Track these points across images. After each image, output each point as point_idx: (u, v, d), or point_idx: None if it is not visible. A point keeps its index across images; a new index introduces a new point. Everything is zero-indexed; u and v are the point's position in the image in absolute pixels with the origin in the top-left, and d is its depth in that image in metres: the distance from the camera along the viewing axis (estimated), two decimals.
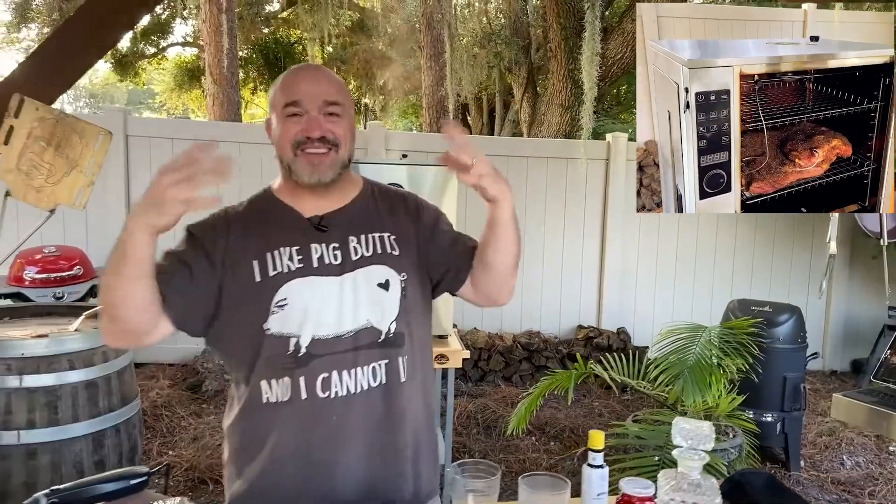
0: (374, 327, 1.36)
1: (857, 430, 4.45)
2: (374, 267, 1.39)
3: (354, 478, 1.34)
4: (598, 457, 1.38)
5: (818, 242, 5.66)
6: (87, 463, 2.57)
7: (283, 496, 1.34)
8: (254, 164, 4.21)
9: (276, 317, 1.32)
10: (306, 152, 1.34)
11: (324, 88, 1.37)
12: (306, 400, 1.31)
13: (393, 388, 1.37)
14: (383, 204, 1.48)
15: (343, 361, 1.33)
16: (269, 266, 1.34)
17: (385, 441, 1.37)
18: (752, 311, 4.00)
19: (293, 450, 1.33)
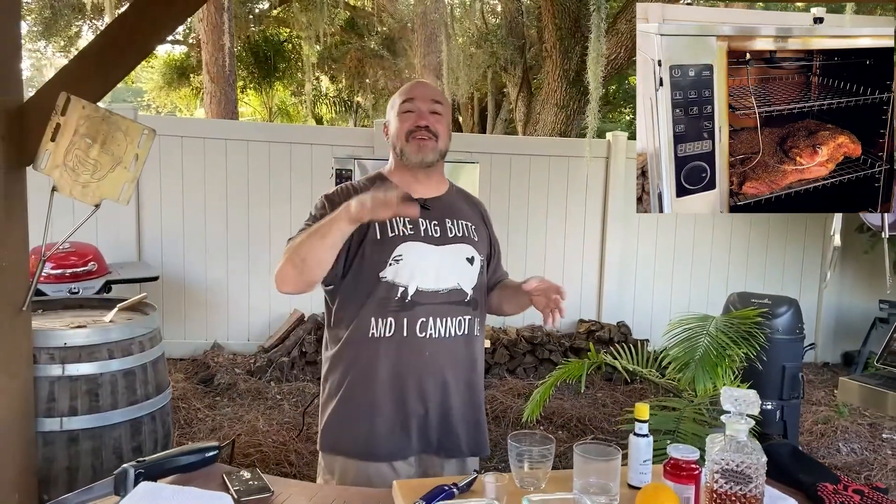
0: (462, 289, 1.73)
1: (850, 418, 4.62)
2: (463, 245, 1.77)
3: (437, 402, 1.70)
4: (644, 426, 1.51)
5: (811, 238, 5.84)
6: (126, 448, 2.66)
7: (381, 411, 1.68)
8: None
9: (391, 268, 1.67)
10: (416, 138, 1.71)
11: (431, 92, 1.77)
12: (407, 337, 1.67)
13: (471, 339, 1.75)
14: (465, 201, 1.87)
15: (438, 311, 1.69)
16: (388, 229, 1.69)
17: (465, 377, 1.74)
18: (752, 304, 4.15)
19: (391, 375, 1.67)
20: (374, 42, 13.91)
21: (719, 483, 1.21)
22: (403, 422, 1.69)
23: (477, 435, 1.77)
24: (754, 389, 3.33)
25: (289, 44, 16.12)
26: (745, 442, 1.22)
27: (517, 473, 1.48)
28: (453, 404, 1.72)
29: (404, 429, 1.69)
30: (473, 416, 1.76)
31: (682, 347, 3.03)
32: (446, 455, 1.74)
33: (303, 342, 5.02)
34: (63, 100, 2.31)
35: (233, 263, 5.33)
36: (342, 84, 16.92)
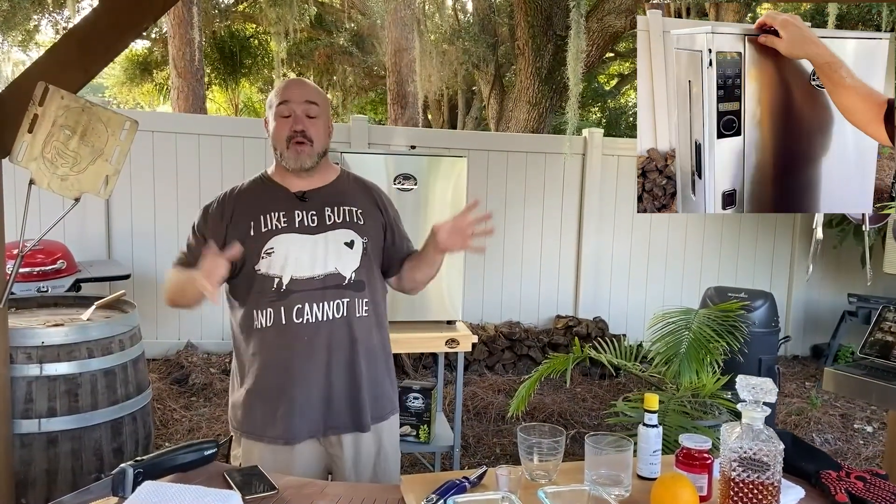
0: (340, 273, 1.78)
1: (822, 409, 4.73)
2: (343, 230, 1.81)
3: (320, 384, 1.76)
4: (654, 417, 1.50)
5: (780, 233, 5.96)
6: (107, 450, 2.59)
7: (267, 396, 1.77)
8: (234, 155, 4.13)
9: (264, 261, 1.75)
10: (294, 143, 1.76)
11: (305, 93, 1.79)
12: (285, 325, 1.74)
13: (351, 320, 1.79)
14: (356, 187, 1.92)
15: (314, 297, 1.75)
16: (262, 224, 1.77)
17: (345, 359, 1.79)
18: (729, 298, 4.20)
19: (276, 362, 1.76)
20: (344, 39, 13.78)
21: (737, 471, 1.21)
22: (289, 407, 1.75)
23: (356, 412, 1.81)
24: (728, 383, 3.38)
25: (255, 40, 15.89)
26: (762, 429, 1.22)
27: (527, 466, 1.46)
28: (335, 384, 1.77)
29: (290, 413, 1.75)
30: (353, 395, 1.80)
31: (667, 341, 3.06)
32: (331, 433, 1.80)
33: None
34: (41, 90, 2.23)
35: None
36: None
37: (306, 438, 1.77)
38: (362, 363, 1.81)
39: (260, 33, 15.57)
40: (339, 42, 13.62)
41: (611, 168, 5.58)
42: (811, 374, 5.54)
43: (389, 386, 1.92)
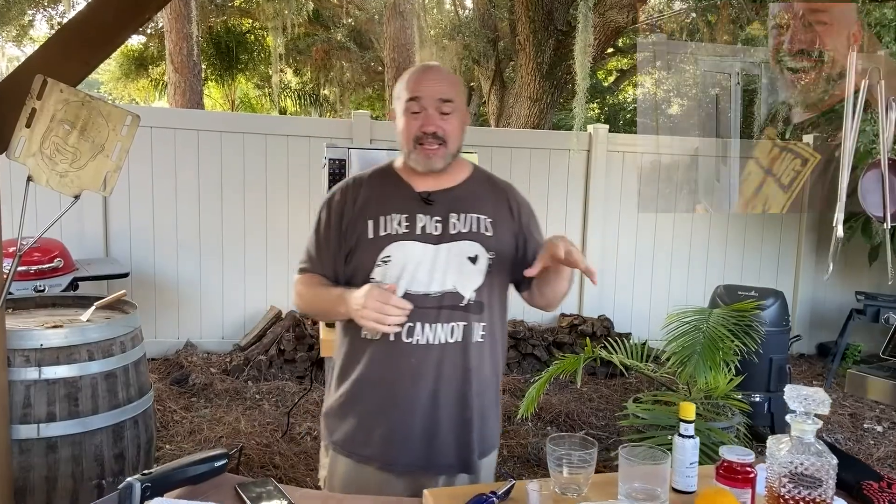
0: (458, 293, 1.60)
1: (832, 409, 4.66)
2: (467, 242, 1.62)
3: (425, 414, 1.60)
4: (690, 427, 1.43)
5: (786, 231, 5.90)
6: (108, 455, 2.51)
7: (364, 413, 1.63)
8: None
9: (379, 269, 1.59)
10: (423, 145, 1.59)
11: (439, 88, 1.59)
12: (393, 342, 1.58)
13: (467, 348, 1.61)
14: (487, 191, 1.71)
15: (427, 315, 1.57)
16: (381, 227, 1.61)
17: (456, 389, 1.61)
18: (739, 296, 4.15)
19: (376, 379, 1.61)
20: (341, 34, 13.68)
21: (787, 487, 1.14)
22: (388, 430, 1.61)
23: (465, 455, 1.63)
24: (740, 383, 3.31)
25: (251, 35, 15.77)
26: (813, 443, 1.15)
27: (556, 479, 1.39)
28: (441, 418, 1.60)
29: (389, 437, 1.61)
30: (463, 435, 1.63)
31: (683, 341, 2.99)
32: (435, 472, 1.62)
33: (281, 340, 4.87)
34: (39, 83, 2.14)
35: (206, 259, 5.14)
36: (307, 77, 16.62)
37: (404, 471, 1.60)
38: (474, 396, 1.62)
39: (256, 28, 15.43)
40: (337, 37, 13.52)
41: (616, 165, 5.51)
42: (818, 372, 5.49)
43: (495, 418, 1.74)
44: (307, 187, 5.19)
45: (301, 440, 3.83)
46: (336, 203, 1.69)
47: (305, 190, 5.19)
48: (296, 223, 5.20)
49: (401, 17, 9.55)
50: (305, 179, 5.18)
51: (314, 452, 3.69)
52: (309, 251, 1.72)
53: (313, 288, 1.67)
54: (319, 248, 1.69)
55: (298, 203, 5.19)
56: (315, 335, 4.88)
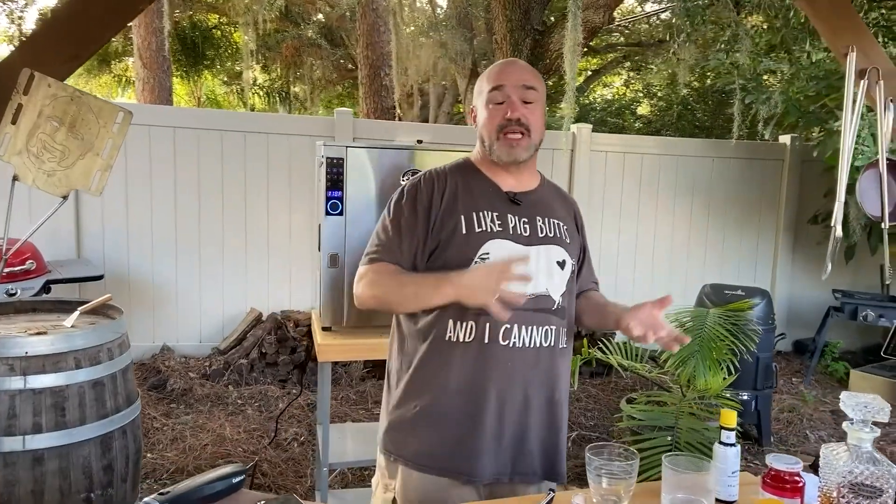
0: (550, 296, 1.57)
1: (814, 406, 4.73)
2: (555, 247, 1.61)
3: (516, 419, 1.54)
4: (731, 435, 1.40)
5: (764, 230, 5.97)
6: (96, 467, 2.39)
7: (452, 423, 1.52)
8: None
9: (476, 266, 1.50)
10: (507, 135, 1.54)
11: (522, 75, 1.57)
12: (488, 344, 1.51)
13: (556, 352, 1.59)
14: (559, 199, 1.71)
15: (523, 318, 1.52)
16: (475, 223, 1.54)
17: (546, 395, 1.58)
18: (726, 295, 4.17)
19: (467, 385, 1.52)
20: (312, 31, 13.52)
21: (847, 498, 1.11)
22: (476, 438, 1.52)
23: (553, 461, 1.61)
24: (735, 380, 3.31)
25: (218, 30, 15.49)
26: (871, 452, 1.12)
27: (596, 490, 1.35)
28: (532, 424, 1.57)
29: (476, 446, 1.52)
30: (551, 440, 1.61)
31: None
32: (520, 480, 1.58)
33: (262, 343, 4.75)
34: (26, 77, 2.03)
35: (182, 259, 4.99)
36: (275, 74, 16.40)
37: (490, 480, 1.54)
38: (562, 402, 1.61)
39: (223, 24, 15.15)
40: (308, 34, 13.36)
41: (599, 164, 5.51)
42: (796, 369, 5.57)
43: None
44: (288, 186, 5.08)
45: (288, 446, 3.73)
46: (422, 193, 1.58)
47: (286, 189, 5.08)
48: (276, 222, 5.09)
49: (374, 13, 9.45)
50: (286, 178, 5.07)
51: (302, 459, 3.60)
52: (382, 241, 1.58)
53: (395, 275, 1.54)
54: (400, 237, 1.56)
55: (279, 202, 5.08)
56: (298, 338, 4.78)
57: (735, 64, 5.20)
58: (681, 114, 9.13)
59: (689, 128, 9.20)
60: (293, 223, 5.12)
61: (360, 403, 4.36)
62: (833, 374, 5.26)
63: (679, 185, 5.72)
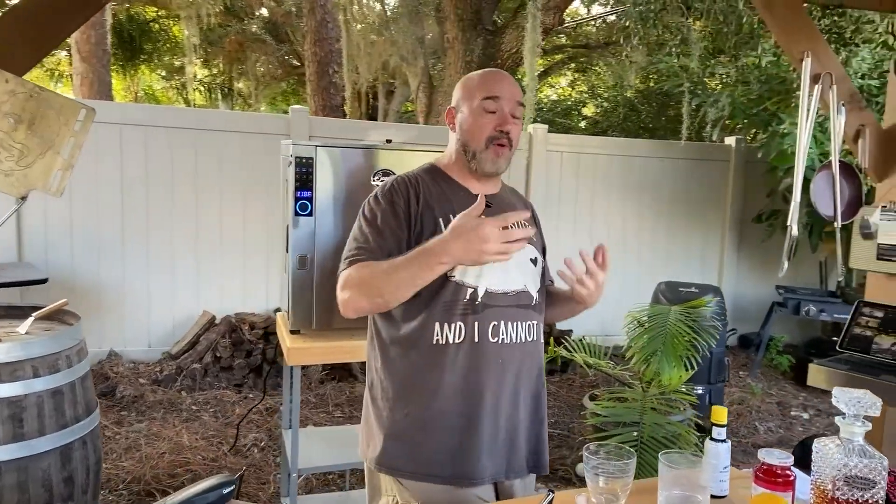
0: (528, 292, 1.61)
1: (761, 398, 4.91)
2: (527, 245, 1.61)
3: (508, 415, 1.57)
4: (722, 431, 1.43)
5: (711, 228, 6.15)
6: (56, 480, 2.29)
7: (447, 428, 1.52)
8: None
9: (459, 267, 1.50)
10: (496, 145, 1.58)
11: (515, 91, 1.61)
12: (479, 342, 1.52)
13: (538, 346, 1.64)
14: (517, 201, 1.76)
15: (508, 314, 1.56)
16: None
17: (532, 389, 1.63)
18: (680, 293, 4.29)
19: (463, 386, 1.52)
20: (256, 26, 13.26)
21: (842, 490, 1.15)
22: (473, 440, 1.52)
23: (538, 451, 1.65)
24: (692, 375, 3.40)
25: (156, 24, 15.03)
26: (863, 445, 1.17)
27: (593, 489, 1.36)
28: (521, 419, 1.60)
29: (474, 449, 1.52)
30: (536, 432, 1.65)
31: (647, 339, 3.05)
32: (514, 476, 1.60)
33: (216, 347, 4.63)
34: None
35: (130, 261, 4.82)
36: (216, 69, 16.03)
37: (488, 481, 1.54)
38: (543, 394, 1.66)
39: (161, 17, 14.70)
40: (252, 29, 13.10)
41: (554, 164, 5.58)
42: (742, 363, 5.76)
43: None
44: (242, 185, 4.97)
45: (248, 452, 3.65)
46: (398, 194, 1.57)
47: (240, 188, 4.97)
48: (229, 222, 4.98)
49: (322, 10, 9.33)
50: (240, 177, 4.96)
51: (264, 465, 3.53)
52: (361, 242, 1.55)
53: (378, 266, 1.49)
54: (381, 237, 1.54)
55: (233, 202, 4.97)
56: (254, 341, 4.68)
57: (684, 67, 5.34)
58: (627, 115, 9.33)
59: (634, 128, 9.41)
60: (248, 224, 5.01)
61: (321, 406, 4.30)
62: (777, 367, 5.47)
63: (631, 184, 5.85)
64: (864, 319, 2.63)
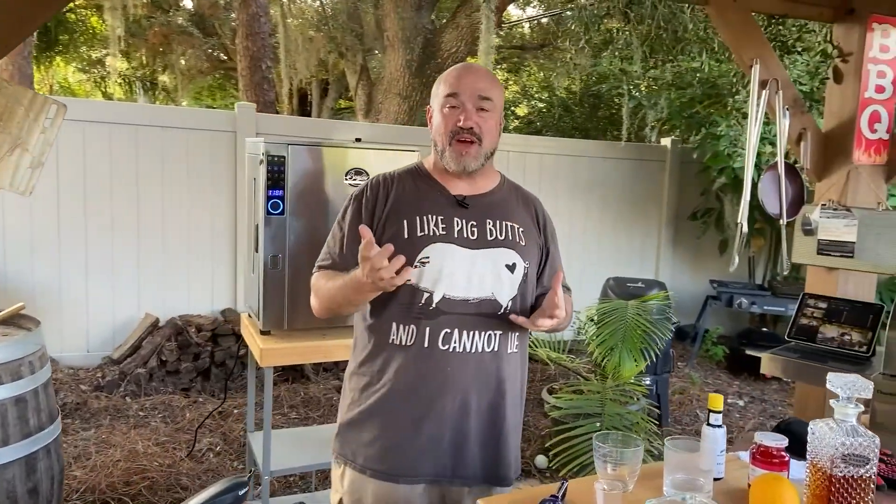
0: (496, 300, 1.56)
1: (699, 387, 5.14)
2: (504, 249, 1.59)
3: (456, 424, 1.55)
4: (718, 417, 1.52)
5: (650, 224, 6.39)
6: (21, 491, 2.19)
7: (392, 425, 1.55)
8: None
9: (416, 271, 1.51)
10: (458, 142, 1.55)
11: (479, 84, 1.57)
12: (427, 348, 1.52)
13: (500, 357, 1.58)
14: (516, 200, 1.70)
15: (465, 322, 1.53)
16: (417, 227, 1.55)
17: (490, 401, 1.58)
18: (628, 288, 4.45)
19: (406, 388, 1.54)
20: (182, 18, 12.86)
21: (840, 468, 1.25)
22: (414, 440, 1.54)
23: (496, 466, 1.61)
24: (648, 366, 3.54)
25: (72, 14, 14.35)
26: (855, 426, 1.27)
27: (602, 475, 1.42)
28: (471, 427, 1.56)
29: (414, 448, 1.54)
30: (494, 445, 1.60)
31: (607, 333, 3.16)
32: (461, 483, 1.59)
33: (161, 350, 4.49)
34: None
35: (66, 262, 4.61)
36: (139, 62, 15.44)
37: (429, 481, 1.55)
38: (508, 408, 1.60)
39: (79, 7, 14.05)
40: (178, 21, 12.68)
41: (502, 163, 5.64)
42: (680, 354, 6.01)
43: (518, 444, 1.69)
44: (186, 183, 4.83)
45: (203, 458, 3.57)
46: (367, 199, 1.60)
47: (184, 185, 4.83)
48: (173, 221, 4.83)
49: (255, 2, 9.15)
50: (184, 174, 4.82)
51: (221, 469, 3.46)
52: (330, 248, 1.64)
53: (330, 281, 1.57)
54: (344, 244, 1.61)
55: (176, 200, 4.82)
56: (201, 343, 4.56)
57: (624, 70, 5.53)
58: (561, 115, 9.54)
59: (568, 128, 9.64)
60: (191, 222, 4.87)
61: (276, 409, 4.23)
62: (713, 357, 5.74)
63: (575, 184, 6.01)
64: (809, 310, 2.81)
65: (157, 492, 3.16)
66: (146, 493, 3.13)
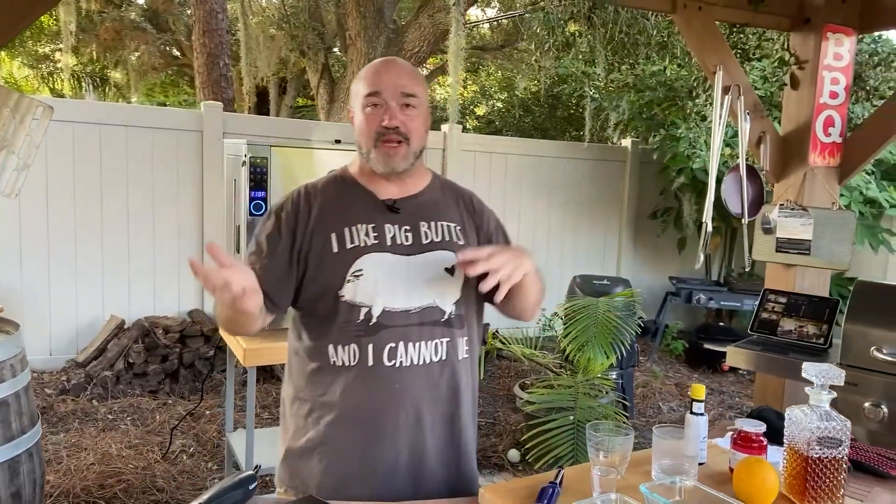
0: (439, 307, 1.48)
1: (661, 380, 5.32)
2: (442, 252, 1.50)
3: (412, 442, 1.47)
4: (701, 406, 1.62)
5: (611, 223, 6.56)
6: (4, 495, 2.17)
7: (343, 454, 1.45)
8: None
9: (350, 285, 1.43)
10: (384, 143, 1.45)
11: (401, 80, 1.46)
12: (372, 367, 1.43)
13: (451, 365, 1.50)
14: (450, 197, 1.60)
15: (409, 334, 1.44)
16: (347, 239, 1.45)
17: (445, 411, 1.50)
18: (594, 285, 4.57)
19: (354, 411, 1.44)
20: (135, 13, 12.61)
21: (815, 450, 1.35)
22: (373, 467, 1.45)
23: (458, 476, 1.55)
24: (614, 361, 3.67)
25: None
26: (829, 411, 1.37)
27: (595, 462, 1.50)
28: (428, 443, 1.48)
29: (373, 476, 1.46)
30: (453, 457, 1.53)
31: (579, 329, 3.26)
32: (425, 498, 1.50)
33: (128, 352, 4.43)
34: None
35: (28, 263, 4.52)
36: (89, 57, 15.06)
37: (392, 500, 1.45)
38: (463, 417, 1.52)
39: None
40: (130, 16, 12.43)
41: (468, 163, 5.75)
42: (641, 349, 6.18)
43: (474, 448, 1.60)
44: (150, 181, 4.78)
45: (177, 459, 3.55)
46: (287, 215, 1.49)
47: (149, 184, 4.78)
48: (137, 222, 4.77)
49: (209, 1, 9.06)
50: (149, 174, 4.77)
51: (196, 470, 3.46)
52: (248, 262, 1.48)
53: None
54: (257, 260, 1.47)
55: (140, 200, 4.77)
56: (169, 345, 4.52)
57: (586, 73, 5.67)
58: (521, 116, 9.68)
59: (528, 129, 9.79)
60: (157, 222, 4.82)
61: (243, 410, 4.22)
62: (673, 351, 5.93)
63: (539, 183, 6.13)
64: (770, 305, 2.96)
65: (133, 494, 3.14)
66: (122, 495, 3.11)
